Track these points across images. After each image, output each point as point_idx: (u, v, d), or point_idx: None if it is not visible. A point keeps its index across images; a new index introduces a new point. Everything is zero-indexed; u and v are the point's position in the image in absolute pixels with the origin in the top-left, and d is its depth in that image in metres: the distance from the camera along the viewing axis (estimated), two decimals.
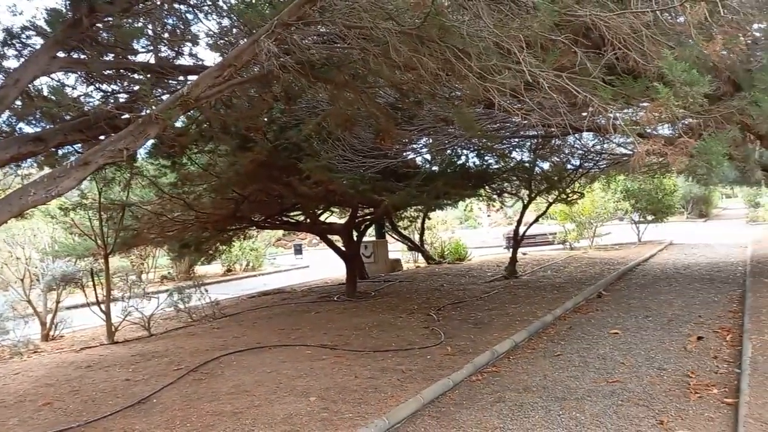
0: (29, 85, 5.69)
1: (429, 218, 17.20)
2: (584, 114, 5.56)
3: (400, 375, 5.09)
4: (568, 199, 13.05)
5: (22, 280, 8.69)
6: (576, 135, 10.60)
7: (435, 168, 10.72)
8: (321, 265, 19.14)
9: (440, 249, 17.09)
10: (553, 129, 5.80)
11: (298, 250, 22.57)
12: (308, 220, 12.01)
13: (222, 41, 7.17)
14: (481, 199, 14.12)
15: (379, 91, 6.74)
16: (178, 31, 6.90)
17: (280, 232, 23.24)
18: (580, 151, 11.86)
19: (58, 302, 8.73)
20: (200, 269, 17.62)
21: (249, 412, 4.36)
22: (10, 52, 6.11)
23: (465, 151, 10.88)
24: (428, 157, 11.13)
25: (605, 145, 11.51)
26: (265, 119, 8.61)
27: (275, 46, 4.59)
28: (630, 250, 15.68)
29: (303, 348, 6.41)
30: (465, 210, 31.60)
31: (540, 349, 5.84)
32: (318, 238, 15.99)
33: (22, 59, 5.95)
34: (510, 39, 4.20)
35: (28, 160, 6.71)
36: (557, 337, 6.33)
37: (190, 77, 6.84)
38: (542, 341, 6.19)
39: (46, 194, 4.61)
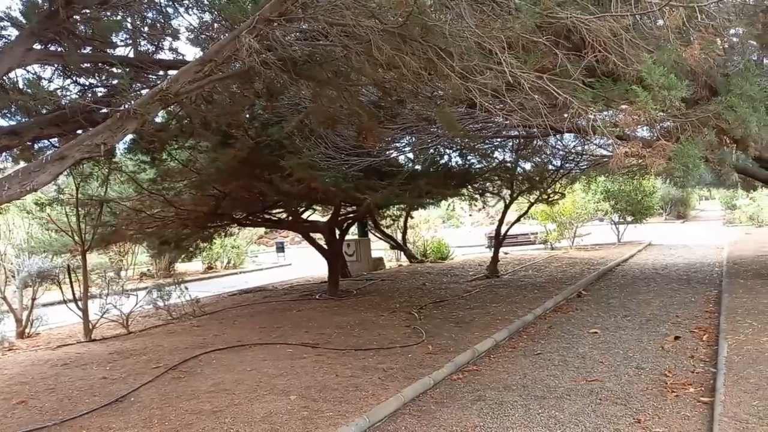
0: (4, 78, 5.57)
1: (412, 217, 17.25)
2: (565, 115, 5.61)
3: (381, 374, 5.09)
4: (549, 199, 13.18)
5: None
6: (557, 136, 10.70)
7: (417, 167, 10.74)
8: (303, 263, 19.07)
9: (423, 248, 17.14)
10: (534, 130, 5.85)
11: (280, 248, 22.45)
12: (290, 218, 11.96)
13: (203, 36, 7.10)
14: (463, 198, 14.19)
15: (361, 89, 6.72)
16: (158, 24, 6.80)
17: (262, 230, 23.11)
18: (561, 152, 11.98)
19: (34, 299, 8.57)
20: (180, 267, 17.44)
21: (228, 410, 4.33)
22: None
23: (447, 151, 10.92)
24: (411, 156, 11.15)
25: (585, 147, 11.64)
26: (247, 116, 8.55)
27: (257, 42, 4.56)
28: (610, 251, 15.88)
29: (284, 346, 6.38)
30: (447, 209, 31.74)
31: (520, 348, 5.89)
32: (300, 236, 15.92)
33: None
34: (492, 39, 4.22)
35: (3, 153, 6.58)
36: (537, 336, 6.38)
37: (170, 72, 6.77)
38: (523, 340, 6.24)
39: (20, 189, 4.51)
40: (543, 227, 18.39)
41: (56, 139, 6.70)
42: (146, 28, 6.74)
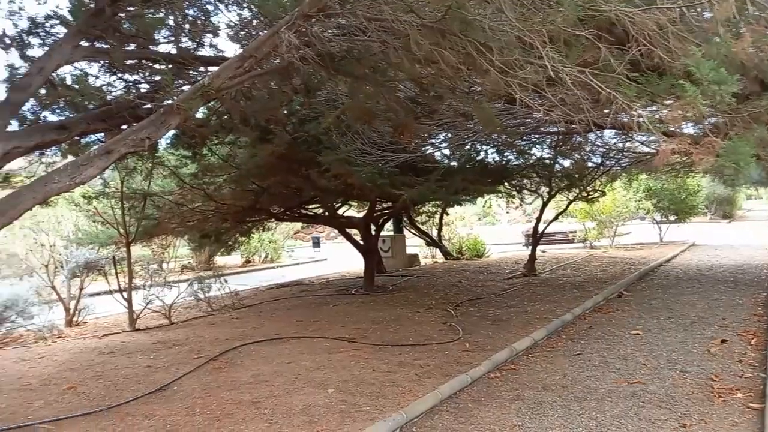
0: (53, 74, 5.76)
1: (447, 214, 17.15)
2: (606, 111, 5.48)
3: (418, 370, 5.09)
4: (589, 197, 12.90)
5: (46, 266, 8.86)
6: (598, 132, 10.46)
7: (453, 163, 10.66)
8: (339, 258, 19.21)
9: (458, 245, 17.02)
10: (575, 125, 5.74)
11: (316, 243, 22.66)
12: (326, 214, 12.06)
13: (242, 32, 7.20)
14: (500, 195, 14.02)
15: (398, 84, 6.70)
16: (199, 21, 6.92)
17: (298, 225, 23.35)
18: (602, 149, 11.70)
19: (81, 289, 8.90)
20: (220, 260, 17.78)
21: (268, 401, 4.40)
22: (35, 41, 6.21)
23: (484, 147, 10.80)
24: (447, 152, 11.07)
25: (627, 143, 11.34)
26: (285, 111, 8.64)
27: (296, 37, 4.60)
28: (651, 250, 15.46)
29: (321, 340, 6.45)
30: (484, 206, 31.43)
31: (559, 348, 5.79)
32: (336, 231, 16.02)
33: (46, 48, 6.06)
34: (533, 33, 4.15)
35: (52, 148, 6.81)
36: (577, 336, 6.27)
37: (210, 68, 6.89)
38: (562, 340, 6.14)
39: (69, 182, 4.67)
40: (582, 225, 18.02)
41: (102, 134, 6.88)
42: (188, 25, 6.87)
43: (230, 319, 8.39)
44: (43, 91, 5.94)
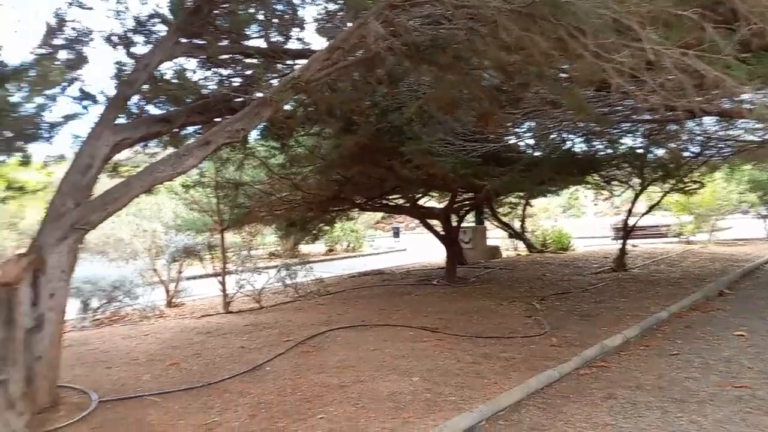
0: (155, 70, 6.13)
1: (531, 205, 16.71)
2: (711, 95, 5.12)
3: (503, 362, 5.02)
4: (686, 189, 12.11)
5: (149, 250, 9.53)
6: (696, 119, 9.76)
7: (537, 153, 10.35)
8: (418, 248, 19.26)
9: (542, 238, 16.56)
10: (674, 112, 5.40)
11: (396, 233, 22.84)
12: (407, 204, 12.11)
13: (328, 25, 7.33)
14: (587, 186, 13.48)
15: (483, 73, 6.59)
16: (286, 16, 7.12)
17: (379, 215, 23.63)
18: (700, 138, 10.90)
19: (179, 272, 9.50)
20: (304, 248, 18.36)
21: (354, 386, 4.51)
22: (138, 38, 6.64)
23: (571, 136, 10.39)
24: (531, 141, 10.75)
25: (730, 131, 10.50)
26: (368, 102, 8.73)
27: (382, 27, 4.64)
28: (756, 246, 14.31)
29: (404, 329, 6.50)
30: (569, 198, 30.32)
31: (654, 347, 5.51)
32: (415, 221, 16.08)
33: (149, 45, 6.47)
34: (630, 15, 3.93)
35: (155, 140, 7.27)
36: (673, 335, 5.93)
37: (298, 61, 7.09)
38: (656, 339, 5.83)
39: (172, 171, 4.99)
40: (677, 219, 16.96)
41: (198, 126, 7.24)
42: (276, 20, 7.09)
43: (316, 305, 8.65)
44: (145, 86, 6.34)
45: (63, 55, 6.96)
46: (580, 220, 29.62)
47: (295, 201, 9.97)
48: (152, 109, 7.10)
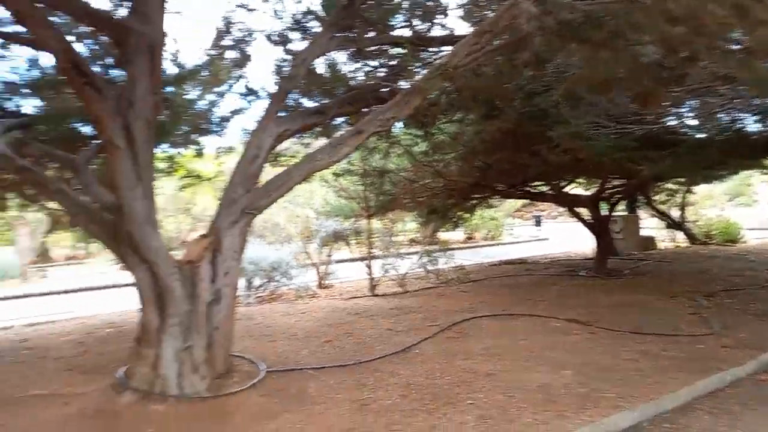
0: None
1: (692, 192, 15.16)
2: None
3: (666, 361, 4.64)
4: None
5: (301, 235, 10.21)
6: None
7: (702, 135, 9.31)
8: (561, 238, 18.43)
9: (705, 228, 14.96)
10: None
11: (537, 222, 22.08)
12: (552, 191, 11.60)
13: (469, 8, 7.22)
14: (763, 171, 11.89)
15: (641, 49, 6.07)
16: (430, 3, 7.13)
17: (518, 203, 23.01)
18: None
19: (329, 256, 10.06)
20: (443, 235, 18.48)
21: (502, 375, 4.46)
22: (294, 36, 7.08)
23: (742, 115, 9.21)
24: (694, 122, 9.71)
25: None
26: (512, 86, 8.48)
27: (534, 6, 4.47)
28: None
29: (551, 320, 6.28)
30: (739, 184, 26.98)
31: None
32: (557, 210, 15.39)
33: (304, 42, 6.86)
34: None
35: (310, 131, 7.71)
36: None
37: (442, 48, 7.09)
38: None
39: (329, 160, 5.28)
40: None
41: (345, 117, 7.54)
42: (420, 8, 7.13)
43: (457, 291, 8.67)
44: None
45: (230, 54, 7.69)
46: (751, 209, 26.25)
47: (437, 188, 10.03)
48: (306, 102, 7.58)
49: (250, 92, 7.71)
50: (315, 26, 6.83)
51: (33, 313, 9.40)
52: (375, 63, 7.59)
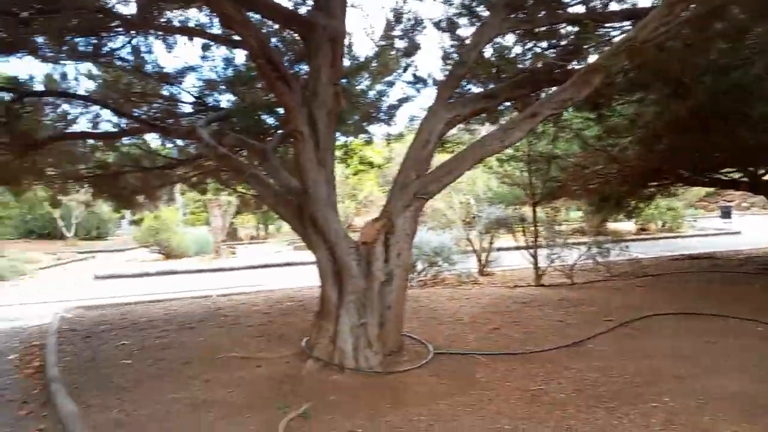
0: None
1: None
2: None
3: None
4: None
5: (463, 221, 10.21)
6: None
7: None
8: (756, 232, 16.14)
9: None
10: None
11: (726, 214, 19.57)
12: (746, 179, 10.17)
13: None
14: None
15: None
16: None
17: (702, 192, 20.61)
18: None
19: (491, 243, 9.94)
20: (611, 225, 17.24)
21: (692, 380, 4.04)
22: (462, 21, 7.02)
23: None
24: None
25: None
26: (704, 60, 7.56)
27: None
28: None
29: (748, 323, 5.53)
30: None
31: None
32: (749, 200, 13.45)
33: (472, 27, 6.78)
34: None
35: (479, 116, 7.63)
36: None
37: (624, 23, 6.57)
38: None
39: (500, 144, 5.18)
40: None
41: (510, 101, 7.30)
42: None
43: (633, 286, 8.03)
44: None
45: (399, 44, 7.90)
46: None
47: (609, 174, 9.36)
48: (473, 88, 7.52)
49: (418, 80, 7.86)
50: (482, 10, 6.73)
51: (225, 285, 10.68)
52: (544, 44, 7.27)
